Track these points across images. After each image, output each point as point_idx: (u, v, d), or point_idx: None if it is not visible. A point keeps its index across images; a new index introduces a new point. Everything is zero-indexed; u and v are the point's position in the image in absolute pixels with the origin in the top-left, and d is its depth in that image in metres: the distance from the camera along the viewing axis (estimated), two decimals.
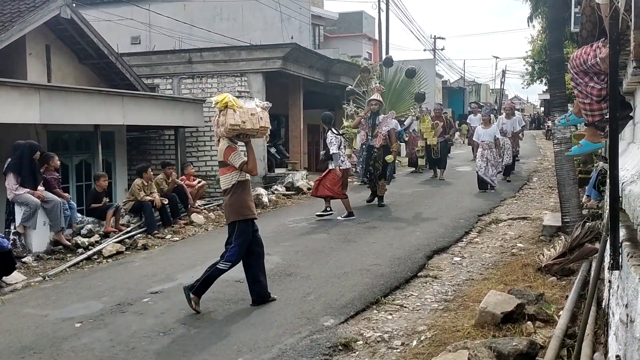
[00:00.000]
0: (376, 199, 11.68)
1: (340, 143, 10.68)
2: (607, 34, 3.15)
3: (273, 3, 23.04)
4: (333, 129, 10.71)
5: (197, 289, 5.69)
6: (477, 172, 13.39)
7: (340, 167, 10.46)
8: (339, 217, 10.34)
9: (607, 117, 4.02)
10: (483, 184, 13.24)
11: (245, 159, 5.75)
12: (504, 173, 15.00)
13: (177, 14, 23.12)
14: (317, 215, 10.45)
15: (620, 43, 2.87)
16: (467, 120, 23.83)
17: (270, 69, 15.50)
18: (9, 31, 10.70)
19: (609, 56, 2.73)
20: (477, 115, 20.55)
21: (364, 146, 11.49)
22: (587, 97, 3.85)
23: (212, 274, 5.75)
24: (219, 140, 5.88)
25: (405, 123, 16.16)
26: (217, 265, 5.77)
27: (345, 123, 13.38)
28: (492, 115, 15.63)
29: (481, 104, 39.63)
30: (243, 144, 5.98)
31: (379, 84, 12.18)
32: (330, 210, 10.53)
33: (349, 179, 11.47)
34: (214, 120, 5.86)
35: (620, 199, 2.78)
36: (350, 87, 13.13)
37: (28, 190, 8.43)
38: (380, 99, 11.49)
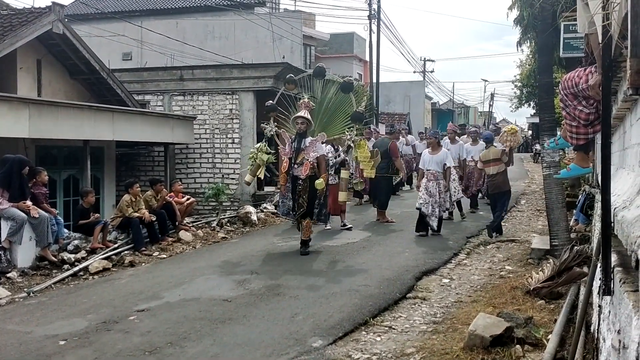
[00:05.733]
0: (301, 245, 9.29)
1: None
2: (597, 61, 3.19)
3: (265, 23, 23.23)
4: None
5: (498, 230, 10.56)
6: (416, 207, 10.51)
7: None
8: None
9: (592, 140, 4.07)
10: (422, 224, 10.46)
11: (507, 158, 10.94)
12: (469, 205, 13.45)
13: (169, 31, 23.22)
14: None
15: (613, 70, 2.90)
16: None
17: (261, 88, 15.53)
18: (0, 45, 10.66)
19: (602, 83, 2.76)
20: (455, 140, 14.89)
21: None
22: (575, 120, 3.89)
23: (500, 221, 10.56)
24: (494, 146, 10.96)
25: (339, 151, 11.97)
26: (502, 214, 10.61)
27: (257, 145, 10.17)
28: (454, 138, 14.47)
29: (469, 125, 39.83)
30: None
31: (308, 98, 9.71)
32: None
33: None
34: (503, 137, 11.64)
35: (612, 224, 2.79)
36: (270, 102, 10.17)
37: (13, 204, 8.35)
38: (309, 117, 9.27)
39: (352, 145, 9.60)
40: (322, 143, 9.47)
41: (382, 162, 12.13)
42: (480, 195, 14.16)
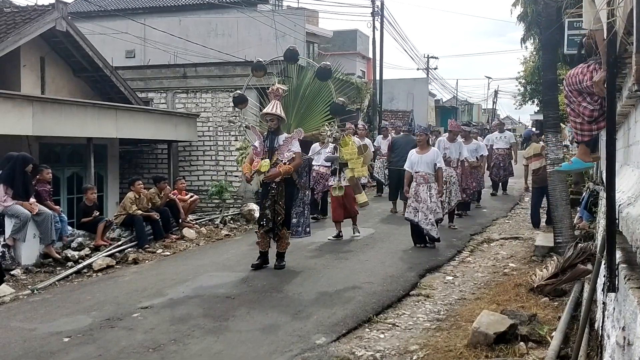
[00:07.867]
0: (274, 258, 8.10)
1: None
2: (602, 57, 3.17)
3: (268, 20, 23.18)
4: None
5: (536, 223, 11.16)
6: (405, 217, 9.56)
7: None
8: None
9: (596, 137, 4.06)
10: (418, 235, 9.28)
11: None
12: (457, 209, 11.61)
13: (172, 28, 23.20)
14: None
15: (617, 66, 2.89)
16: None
17: (264, 85, 15.50)
18: (4, 42, 10.66)
19: (607, 79, 2.75)
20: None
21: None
22: (579, 117, 3.88)
23: (537, 212, 11.27)
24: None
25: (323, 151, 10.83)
26: (538, 208, 11.25)
27: (241, 143, 9.15)
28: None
29: (473, 123, 39.77)
30: None
31: (279, 83, 8.46)
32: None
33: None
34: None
35: (617, 220, 2.78)
36: (238, 92, 8.96)
37: (17, 201, 8.36)
38: (280, 113, 7.99)
39: (333, 142, 8.61)
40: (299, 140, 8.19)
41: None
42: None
